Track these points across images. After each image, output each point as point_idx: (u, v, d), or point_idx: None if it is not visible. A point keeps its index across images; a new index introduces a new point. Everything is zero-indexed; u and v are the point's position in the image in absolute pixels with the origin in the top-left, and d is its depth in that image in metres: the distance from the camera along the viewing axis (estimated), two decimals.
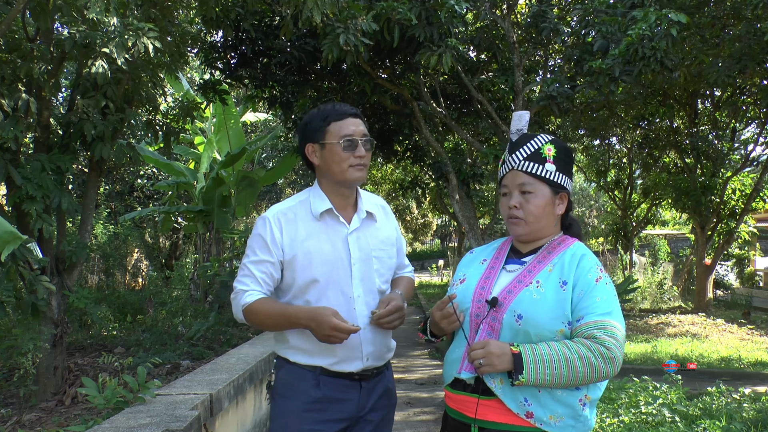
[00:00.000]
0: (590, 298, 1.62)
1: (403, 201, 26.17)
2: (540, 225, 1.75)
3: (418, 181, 13.29)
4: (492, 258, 1.85)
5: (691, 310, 13.23)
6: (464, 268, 1.89)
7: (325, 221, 1.98)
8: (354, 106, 2.04)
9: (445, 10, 6.76)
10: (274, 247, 1.93)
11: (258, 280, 1.94)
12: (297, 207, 2.00)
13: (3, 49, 4.24)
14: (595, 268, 1.67)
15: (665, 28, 6.39)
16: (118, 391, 3.02)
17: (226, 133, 10.83)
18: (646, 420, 4.45)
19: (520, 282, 1.69)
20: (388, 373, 2.09)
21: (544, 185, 1.74)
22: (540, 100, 7.64)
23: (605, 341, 1.55)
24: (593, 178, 17.56)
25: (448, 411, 1.80)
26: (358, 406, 1.95)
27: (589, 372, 1.54)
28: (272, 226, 1.95)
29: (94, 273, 12.05)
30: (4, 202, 4.83)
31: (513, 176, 1.76)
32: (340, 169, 1.94)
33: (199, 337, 6.21)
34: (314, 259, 1.93)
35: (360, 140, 1.94)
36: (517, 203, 1.74)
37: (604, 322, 1.58)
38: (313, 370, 1.93)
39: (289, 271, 1.95)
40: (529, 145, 1.76)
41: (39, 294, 4.23)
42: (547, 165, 1.74)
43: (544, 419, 1.60)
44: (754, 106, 12.53)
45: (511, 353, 1.55)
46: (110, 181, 14.71)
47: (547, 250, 1.76)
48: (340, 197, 2.00)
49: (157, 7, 4.57)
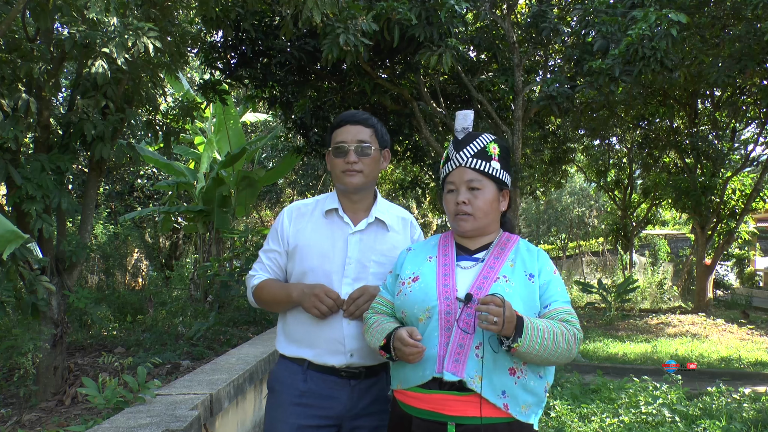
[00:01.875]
0: (553, 288, 1.74)
1: (403, 201, 26.19)
2: (487, 221, 1.81)
3: (418, 181, 13.28)
4: (439, 255, 1.84)
5: (691, 310, 13.23)
6: (410, 266, 1.85)
7: (331, 219, 2.07)
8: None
9: (445, 10, 6.76)
10: (282, 238, 2.08)
11: (266, 266, 2.10)
12: (312, 204, 2.14)
13: (3, 49, 4.24)
14: (551, 262, 1.81)
15: (665, 28, 6.39)
16: (118, 391, 3.02)
17: (226, 133, 10.83)
18: (646, 420, 4.45)
19: (486, 278, 1.72)
20: (386, 377, 2.05)
21: (490, 182, 1.80)
22: (540, 100, 7.64)
23: (576, 324, 1.69)
24: (593, 178, 17.57)
25: (412, 412, 1.73)
26: (347, 405, 1.97)
27: (565, 349, 1.63)
28: (285, 218, 2.10)
29: (94, 273, 12.06)
30: (4, 202, 4.84)
31: (460, 173, 1.81)
32: (335, 175, 2.06)
33: (199, 337, 6.22)
34: (312, 251, 2.03)
35: (351, 147, 2.01)
36: (465, 199, 1.78)
37: (569, 309, 1.73)
38: (301, 364, 2.00)
39: (291, 261, 2.07)
40: (476, 143, 1.82)
41: (39, 294, 4.23)
42: (493, 163, 1.80)
43: (517, 410, 1.66)
44: (754, 106, 12.54)
45: (515, 318, 1.57)
46: (110, 181, 14.71)
47: (500, 247, 1.82)
48: (348, 201, 2.09)
49: (157, 7, 4.57)
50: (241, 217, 12.88)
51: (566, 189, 24.78)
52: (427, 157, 11.57)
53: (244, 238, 9.27)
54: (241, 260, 8.51)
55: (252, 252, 8.40)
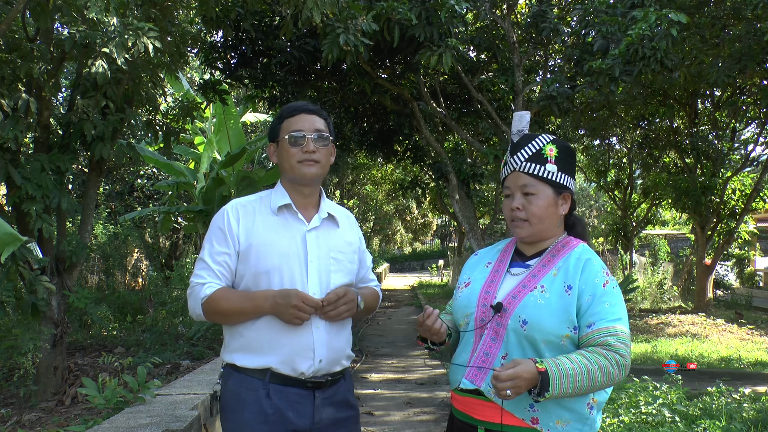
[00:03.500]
0: (600, 303, 1.60)
1: (403, 201, 26.14)
2: (543, 226, 1.73)
3: (418, 181, 13.29)
4: (496, 261, 1.83)
5: (691, 310, 13.23)
6: (469, 271, 1.87)
7: (283, 216, 1.94)
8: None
9: (445, 10, 6.76)
10: (231, 238, 1.89)
11: (215, 272, 1.89)
12: (256, 202, 1.98)
13: (3, 49, 4.24)
14: (602, 272, 1.66)
15: (665, 28, 6.39)
16: (118, 391, 3.03)
17: (226, 133, 10.82)
18: (646, 420, 4.45)
19: (524, 287, 1.68)
20: (345, 384, 1.99)
21: (546, 186, 1.72)
22: (540, 100, 7.64)
23: (619, 349, 1.55)
24: (593, 178, 17.57)
25: (454, 412, 1.80)
26: (314, 419, 1.86)
27: (606, 380, 1.55)
28: (230, 217, 1.92)
29: (94, 273, 12.05)
30: (4, 202, 4.83)
31: (515, 177, 1.75)
32: (290, 165, 1.92)
33: (199, 337, 6.22)
34: (270, 250, 1.87)
35: (309, 135, 1.90)
36: (519, 205, 1.72)
37: (616, 328, 1.58)
38: (262, 377, 1.84)
39: (243, 262, 1.89)
40: (531, 146, 1.75)
41: (39, 294, 4.22)
42: (549, 166, 1.73)
43: (550, 424, 1.60)
44: (754, 106, 12.53)
45: (537, 373, 1.49)
46: (110, 181, 14.71)
47: (552, 253, 1.74)
48: (300, 195, 1.96)
49: (157, 7, 4.57)
50: None
51: None
52: (427, 157, 11.57)
53: None
54: None
55: None
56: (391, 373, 7.32)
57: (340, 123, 10.97)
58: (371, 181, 22.77)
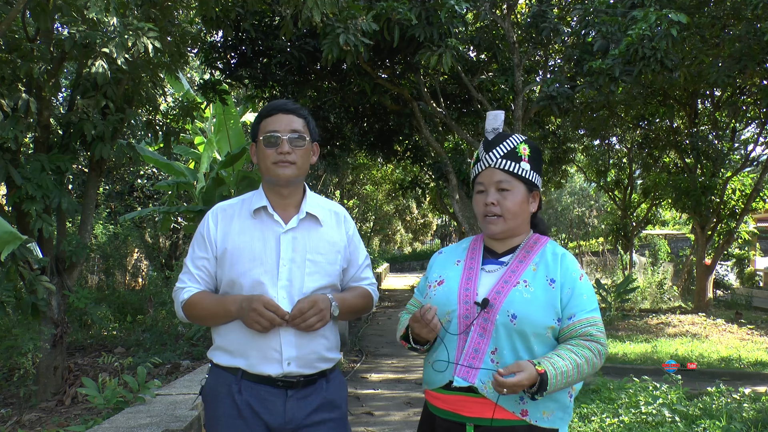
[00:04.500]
0: (578, 296, 1.70)
1: (403, 201, 26.13)
2: (516, 222, 1.78)
3: (418, 181, 13.29)
4: (466, 259, 1.85)
5: (691, 310, 13.23)
6: (438, 269, 1.88)
7: (260, 219, 1.93)
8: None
9: (445, 10, 6.76)
10: (209, 243, 1.92)
11: (195, 276, 1.92)
12: (238, 204, 1.98)
13: (3, 49, 4.24)
14: (576, 266, 1.76)
15: (665, 28, 6.39)
16: (118, 391, 3.03)
17: (226, 133, 10.82)
18: (646, 420, 4.45)
19: (506, 282, 1.72)
20: (329, 385, 1.94)
21: (520, 183, 1.78)
22: (540, 100, 7.64)
23: (600, 338, 1.67)
24: (593, 178, 17.57)
25: (435, 412, 1.79)
26: (285, 416, 1.85)
27: (590, 371, 1.65)
28: (210, 221, 1.94)
29: (94, 273, 12.05)
30: (4, 202, 4.83)
31: (490, 174, 1.79)
32: (265, 166, 1.91)
33: (199, 337, 6.22)
34: (242, 255, 1.88)
35: (284, 136, 1.88)
36: (494, 200, 1.76)
37: (594, 318, 1.69)
38: (234, 374, 1.87)
39: (220, 267, 1.91)
40: (506, 143, 1.79)
41: (39, 294, 4.23)
42: (523, 164, 1.78)
43: (538, 415, 1.66)
44: (754, 106, 12.54)
45: (537, 376, 1.55)
46: (110, 181, 14.71)
47: (525, 250, 1.79)
48: (278, 196, 1.95)
49: (157, 7, 4.57)
50: None
51: (566, 189, 24.79)
52: (427, 157, 11.57)
53: None
54: None
55: None
56: (391, 373, 7.32)
57: (340, 123, 10.97)
58: (371, 181, 22.77)
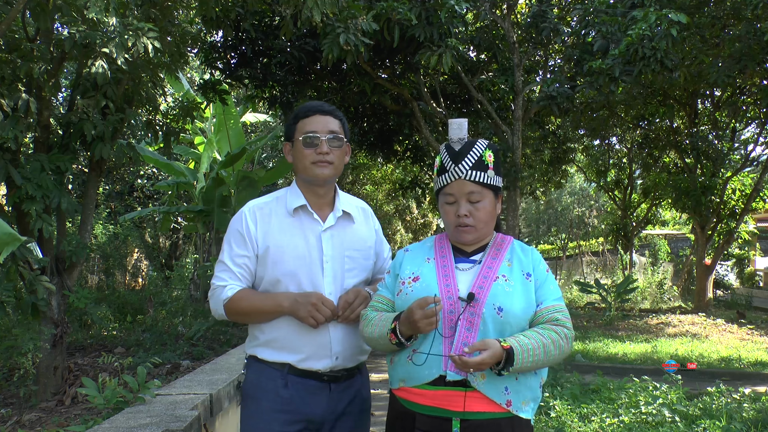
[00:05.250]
0: (545, 286, 1.80)
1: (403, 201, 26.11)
2: (488, 229, 1.85)
3: (418, 181, 13.29)
4: (437, 257, 1.87)
5: (691, 310, 13.23)
6: (410, 266, 1.87)
7: (299, 217, 1.97)
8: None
9: (445, 10, 6.76)
10: (250, 241, 1.93)
11: (236, 274, 1.93)
12: (273, 203, 2.00)
13: (3, 49, 4.24)
14: (542, 260, 1.87)
15: (665, 28, 6.39)
16: (118, 391, 3.03)
17: (226, 133, 10.83)
18: (646, 420, 4.45)
19: (486, 278, 1.77)
20: (361, 379, 2.05)
21: (489, 191, 1.82)
22: (540, 100, 7.64)
23: (566, 323, 1.74)
24: (593, 178, 17.57)
25: (416, 409, 1.77)
26: (327, 409, 1.93)
27: (557, 353, 1.70)
28: (248, 220, 1.95)
29: (94, 273, 12.06)
30: (4, 202, 4.83)
31: (460, 185, 1.80)
32: (303, 166, 1.95)
33: (199, 337, 6.22)
34: (286, 253, 1.91)
35: (323, 137, 1.93)
36: (467, 212, 1.79)
37: (560, 306, 1.78)
38: (281, 369, 1.92)
39: (261, 265, 1.94)
40: (473, 153, 1.82)
41: (39, 294, 4.23)
42: (489, 172, 1.82)
43: (519, 405, 1.72)
44: (754, 106, 12.54)
45: (503, 352, 1.62)
46: (110, 181, 14.72)
47: (495, 248, 1.86)
48: (314, 195, 1.99)
49: (157, 7, 4.57)
50: None
51: (566, 189, 24.78)
52: (427, 157, 11.57)
53: None
54: None
55: None
56: None
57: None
58: (371, 181, 22.76)
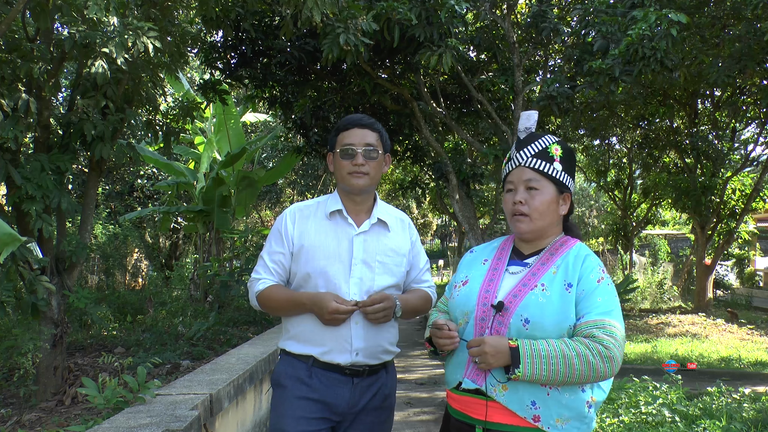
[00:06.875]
0: (591, 298, 1.62)
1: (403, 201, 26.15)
2: (544, 223, 1.74)
3: (418, 181, 13.29)
4: (494, 259, 1.83)
5: (691, 310, 13.23)
6: (465, 269, 1.87)
7: (335, 221, 2.12)
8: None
9: (445, 10, 6.75)
10: (286, 239, 2.11)
11: (270, 269, 2.12)
12: (314, 206, 2.17)
13: (3, 49, 4.24)
14: (598, 269, 1.68)
15: (665, 28, 6.39)
16: (118, 391, 3.02)
17: (226, 133, 10.83)
18: (646, 420, 4.45)
19: (525, 285, 1.68)
20: (386, 377, 2.14)
21: (550, 183, 1.75)
22: (540, 100, 7.63)
23: (604, 340, 1.56)
24: (593, 178, 17.57)
25: (450, 411, 1.80)
26: (349, 402, 2.04)
27: (586, 370, 1.55)
28: (287, 220, 2.13)
29: (94, 273, 12.06)
30: (4, 202, 4.83)
31: (519, 172, 1.77)
32: (341, 176, 2.11)
33: (199, 337, 6.21)
34: (318, 252, 2.06)
35: (359, 149, 2.07)
36: (522, 199, 1.74)
37: (604, 321, 1.59)
38: (306, 361, 2.05)
39: (295, 262, 2.10)
40: (537, 143, 1.78)
41: (39, 294, 4.22)
42: (555, 164, 1.76)
43: (551, 422, 1.61)
44: (754, 106, 12.53)
45: (508, 348, 1.57)
46: (110, 181, 14.72)
47: (550, 252, 1.75)
48: (352, 202, 2.14)
49: (157, 7, 4.57)
50: (241, 217, 12.88)
51: None
52: (427, 157, 11.56)
53: (244, 238, 9.27)
54: (241, 260, 8.51)
55: (252, 252, 8.40)
56: None
57: None
58: None
